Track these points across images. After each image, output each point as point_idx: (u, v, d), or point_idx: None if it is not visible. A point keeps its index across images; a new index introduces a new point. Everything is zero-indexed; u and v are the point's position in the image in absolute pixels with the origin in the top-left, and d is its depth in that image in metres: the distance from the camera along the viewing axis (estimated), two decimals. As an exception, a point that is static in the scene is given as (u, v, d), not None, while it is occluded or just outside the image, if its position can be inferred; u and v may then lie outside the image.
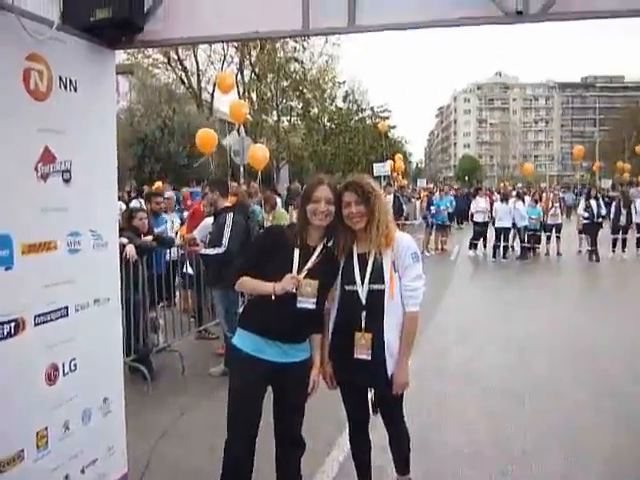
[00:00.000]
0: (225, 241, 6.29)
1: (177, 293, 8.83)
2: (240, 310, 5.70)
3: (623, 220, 17.88)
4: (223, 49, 34.18)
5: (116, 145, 3.79)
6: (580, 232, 18.31)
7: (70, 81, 3.31)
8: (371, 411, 3.55)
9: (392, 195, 19.14)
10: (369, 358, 3.34)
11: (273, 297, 3.20)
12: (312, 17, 3.36)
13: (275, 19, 3.47)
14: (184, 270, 8.00)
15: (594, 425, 5.23)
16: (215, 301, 6.82)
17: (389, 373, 3.36)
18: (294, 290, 3.21)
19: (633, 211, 17.96)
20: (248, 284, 3.35)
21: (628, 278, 15.00)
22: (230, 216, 6.44)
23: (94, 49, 3.51)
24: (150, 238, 6.98)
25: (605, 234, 17.99)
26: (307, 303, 3.26)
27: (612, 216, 18.07)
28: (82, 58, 3.42)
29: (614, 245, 17.86)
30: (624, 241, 17.85)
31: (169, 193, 13.72)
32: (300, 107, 37.44)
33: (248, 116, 31.83)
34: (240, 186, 12.38)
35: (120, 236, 6.34)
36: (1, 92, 2.85)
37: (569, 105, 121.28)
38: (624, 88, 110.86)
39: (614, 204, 18.38)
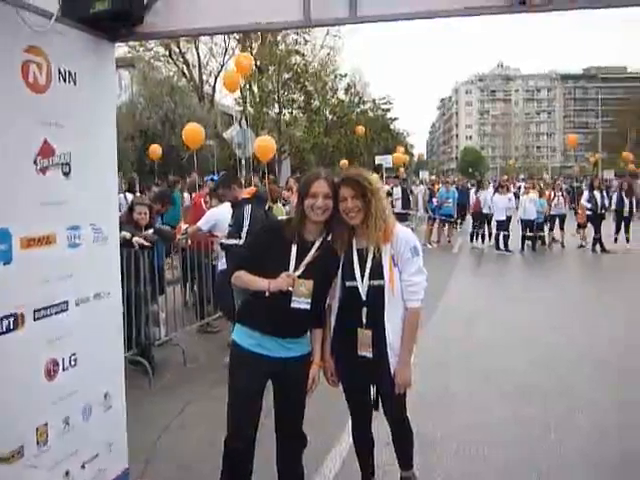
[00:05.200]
0: (244, 233, 6.30)
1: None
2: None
3: (627, 210, 17.68)
4: (224, 41, 34.13)
5: (116, 138, 3.76)
6: (579, 226, 18.18)
7: (69, 73, 3.27)
8: (373, 407, 3.53)
9: (399, 187, 19.04)
10: (371, 355, 3.32)
11: (267, 294, 3.18)
12: (313, 8, 3.32)
13: (276, 10, 3.43)
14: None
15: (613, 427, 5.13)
16: (234, 294, 6.78)
17: (392, 370, 3.34)
18: (289, 289, 3.19)
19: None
20: (243, 278, 3.33)
21: (636, 269, 14.90)
22: (249, 207, 6.47)
23: (94, 41, 3.47)
24: (151, 232, 6.96)
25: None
26: (301, 303, 3.23)
27: (615, 206, 17.91)
28: (81, 50, 3.38)
29: (616, 236, 17.73)
30: (627, 229, 17.62)
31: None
32: (301, 99, 37.30)
33: (249, 108, 31.89)
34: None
35: (120, 230, 6.38)
36: (0, 85, 2.81)
37: (571, 96, 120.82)
38: (626, 79, 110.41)
39: (616, 194, 18.23)
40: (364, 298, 3.32)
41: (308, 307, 3.25)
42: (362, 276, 3.31)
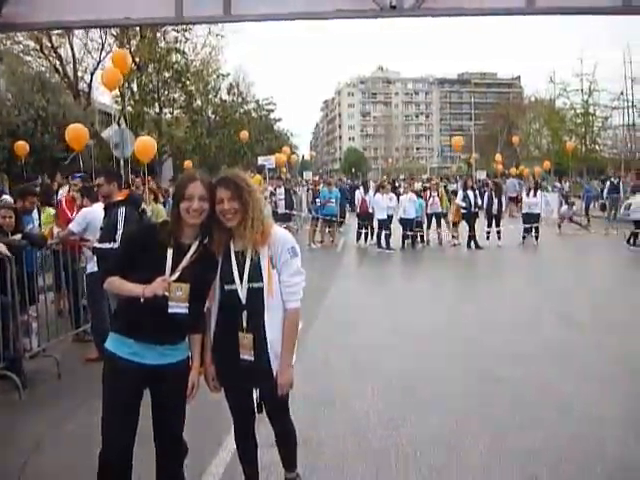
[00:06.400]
0: (118, 235, 6.07)
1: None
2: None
3: (495, 209, 18.75)
4: (101, 37, 32.82)
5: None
6: (454, 224, 19.03)
7: None
8: (256, 410, 3.50)
9: (283, 188, 19.03)
10: (252, 358, 3.29)
11: (142, 300, 3.08)
12: (186, 5, 3.26)
13: (147, 6, 3.35)
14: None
15: (480, 412, 5.39)
16: (110, 299, 6.53)
17: (274, 372, 3.32)
18: (165, 293, 3.10)
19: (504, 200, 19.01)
20: (116, 284, 3.20)
21: (508, 264, 15.84)
22: (122, 210, 6.27)
23: (-57, 32, 3.21)
24: (19, 237, 6.54)
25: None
26: (178, 308, 3.16)
27: (485, 206, 18.94)
28: None
29: (488, 233, 18.71)
30: (497, 227, 18.65)
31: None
32: (183, 99, 36.63)
33: (129, 107, 30.90)
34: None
35: (-15, 235, 5.96)
36: None
37: (447, 100, 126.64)
38: (497, 84, 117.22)
39: (487, 194, 19.29)
40: (244, 301, 3.27)
41: (186, 311, 3.18)
42: (241, 279, 3.26)
